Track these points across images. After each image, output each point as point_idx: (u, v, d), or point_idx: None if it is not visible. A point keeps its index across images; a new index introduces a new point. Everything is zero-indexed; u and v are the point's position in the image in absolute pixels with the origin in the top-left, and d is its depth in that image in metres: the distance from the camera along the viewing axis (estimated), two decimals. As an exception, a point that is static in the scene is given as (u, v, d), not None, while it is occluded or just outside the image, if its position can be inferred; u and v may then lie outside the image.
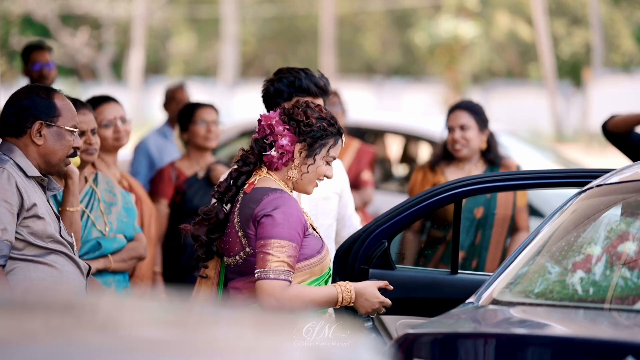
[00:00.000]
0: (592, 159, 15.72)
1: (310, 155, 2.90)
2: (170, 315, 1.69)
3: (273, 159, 2.90)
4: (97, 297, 1.89)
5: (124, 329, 1.55)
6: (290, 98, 3.26)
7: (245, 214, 2.84)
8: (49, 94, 2.98)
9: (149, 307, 1.78)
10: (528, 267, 2.68)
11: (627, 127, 4.54)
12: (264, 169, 2.93)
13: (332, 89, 3.34)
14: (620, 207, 2.75)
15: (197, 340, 1.52)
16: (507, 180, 3.41)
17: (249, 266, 2.84)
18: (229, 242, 2.88)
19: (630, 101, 20.66)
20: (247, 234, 2.84)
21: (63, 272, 2.89)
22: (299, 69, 3.31)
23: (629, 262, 2.50)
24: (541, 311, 2.55)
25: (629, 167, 2.98)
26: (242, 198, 2.89)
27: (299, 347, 1.50)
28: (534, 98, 27.03)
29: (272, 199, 2.83)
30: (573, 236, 2.70)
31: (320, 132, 2.89)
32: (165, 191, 4.47)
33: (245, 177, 2.94)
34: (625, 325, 2.41)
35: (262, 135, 2.92)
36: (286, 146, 2.88)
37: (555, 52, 26.80)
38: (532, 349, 2.37)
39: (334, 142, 2.93)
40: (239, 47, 30.92)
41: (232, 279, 2.90)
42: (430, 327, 2.60)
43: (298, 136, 2.89)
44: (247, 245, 2.83)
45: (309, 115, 2.90)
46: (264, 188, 2.88)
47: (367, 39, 32.63)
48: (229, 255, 2.89)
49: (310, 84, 3.26)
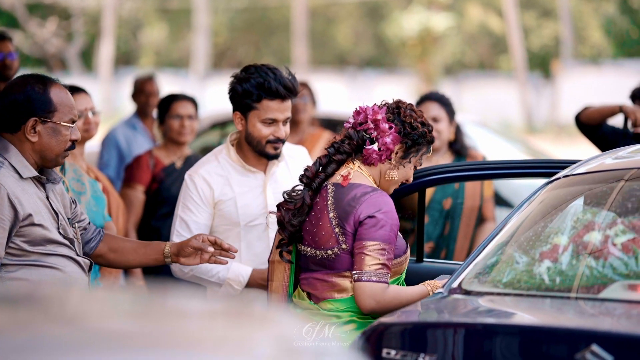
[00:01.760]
0: (561, 149, 15.88)
1: (405, 157, 2.97)
2: (139, 307, 1.69)
3: (373, 154, 2.93)
4: (64, 290, 1.89)
5: (91, 321, 1.55)
6: (258, 100, 3.28)
7: (344, 211, 2.88)
8: (45, 86, 2.84)
9: (118, 299, 1.78)
10: (496, 257, 2.71)
11: (601, 118, 4.59)
12: (357, 162, 2.96)
13: (299, 86, 3.36)
14: (586, 197, 2.78)
15: (165, 332, 1.52)
16: (472, 170, 3.44)
17: (341, 262, 2.89)
18: (320, 235, 2.91)
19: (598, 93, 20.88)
20: (345, 231, 2.88)
21: (66, 272, 2.84)
22: (267, 69, 3.30)
23: (594, 251, 2.53)
24: (509, 301, 2.58)
25: (596, 157, 3.01)
26: (336, 191, 2.92)
27: (266, 337, 1.51)
28: (504, 90, 27.21)
29: (374, 199, 2.87)
30: (540, 226, 2.72)
31: (421, 136, 2.96)
32: (142, 177, 4.46)
33: (335, 166, 2.97)
34: (591, 313, 2.45)
35: (363, 128, 2.95)
36: (389, 144, 2.93)
37: (525, 44, 26.98)
38: (500, 338, 2.40)
39: (426, 149, 3.00)
40: (211, 38, 30.75)
41: (314, 271, 2.94)
42: (400, 317, 2.61)
43: (401, 137, 2.94)
44: (343, 242, 2.88)
45: (414, 117, 2.97)
46: (362, 185, 2.91)
47: (339, 31, 32.61)
48: (319, 248, 2.92)
49: (279, 87, 3.27)
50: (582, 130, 4.70)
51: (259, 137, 3.31)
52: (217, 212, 3.37)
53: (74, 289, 2.16)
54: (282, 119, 3.31)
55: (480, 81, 28.17)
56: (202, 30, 28.88)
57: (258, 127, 3.30)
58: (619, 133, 4.59)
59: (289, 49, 30.12)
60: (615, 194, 2.72)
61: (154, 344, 1.46)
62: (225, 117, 7.36)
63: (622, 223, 2.57)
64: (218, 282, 3.33)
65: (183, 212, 3.36)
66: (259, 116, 3.30)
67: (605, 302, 2.43)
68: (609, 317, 2.40)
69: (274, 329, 1.59)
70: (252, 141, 3.34)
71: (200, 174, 3.37)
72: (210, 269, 3.32)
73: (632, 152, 3.01)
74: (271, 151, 3.34)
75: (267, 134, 3.31)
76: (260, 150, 3.35)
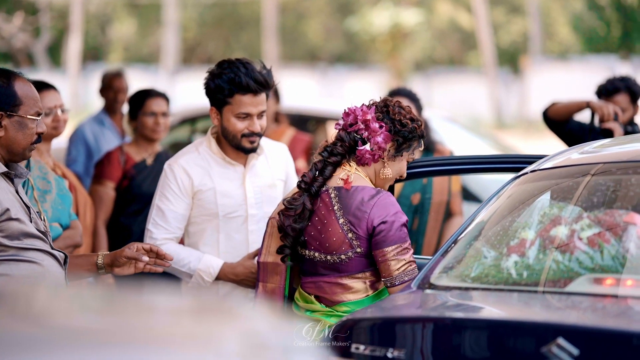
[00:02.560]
0: (530, 145, 16.01)
1: (397, 154, 3.01)
2: (107, 303, 1.68)
3: (366, 154, 2.98)
4: (30, 287, 1.87)
5: (58, 318, 1.54)
6: (231, 95, 3.30)
7: (355, 217, 2.92)
8: (9, 80, 2.80)
9: (85, 295, 1.76)
10: (464, 252, 2.72)
11: (568, 114, 4.64)
12: (353, 164, 3.00)
13: (274, 80, 3.37)
14: (553, 191, 2.81)
15: (133, 328, 1.51)
16: (440, 165, 3.46)
17: (354, 265, 2.94)
18: (330, 241, 2.94)
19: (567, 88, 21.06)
20: (359, 235, 2.92)
21: (44, 265, 2.81)
22: (240, 63, 3.32)
23: (561, 245, 2.56)
24: (477, 295, 2.60)
25: (562, 152, 3.04)
26: (340, 196, 2.96)
27: (234, 333, 1.51)
28: (474, 85, 27.38)
29: (382, 202, 2.93)
30: (508, 221, 2.75)
31: (412, 132, 3.00)
32: (113, 174, 4.42)
33: (332, 169, 3.00)
34: (557, 307, 2.47)
35: (354, 129, 2.99)
36: (381, 143, 2.97)
37: (494, 40, 27.16)
38: (468, 332, 2.41)
39: (418, 144, 3.04)
40: (180, 34, 30.58)
41: (324, 275, 2.97)
42: (369, 313, 2.62)
43: (392, 135, 2.98)
44: (358, 247, 2.93)
45: (403, 115, 3.01)
46: (366, 188, 2.96)
47: (310, 27, 32.60)
48: (330, 253, 2.95)
49: (250, 81, 3.29)
50: (549, 125, 4.75)
51: (234, 131, 3.34)
52: (196, 202, 3.39)
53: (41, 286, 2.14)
54: (256, 113, 3.33)
55: (450, 77, 28.32)
56: (172, 25, 28.71)
57: (232, 122, 3.33)
58: (585, 129, 4.64)
59: (259, 45, 30.05)
60: (581, 188, 2.75)
61: (122, 339, 1.45)
62: (195, 113, 7.33)
63: (588, 217, 2.60)
64: (189, 272, 3.34)
65: (161, 201, 3.38)
66: (232, 111, 3.33)
67: (571, 295, 2.46)
68: (574, 311, 2.42)
69: (242, 325, 1.58)
70: (228, 135, 3.37)
71: (179, 163, 3.39)
72: (182, 258, 3.34)
73: (598, 147, 3.04)
74: (247, 145, 3.36)
75: (242, 128, 3.34)
76: (237, 145, 3.38)
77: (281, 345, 1.54)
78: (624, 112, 4.66)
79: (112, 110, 5.66)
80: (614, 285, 2.46)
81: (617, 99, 4.69)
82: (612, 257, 2.48)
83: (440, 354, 2.39)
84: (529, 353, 2.24)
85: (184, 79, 27.27)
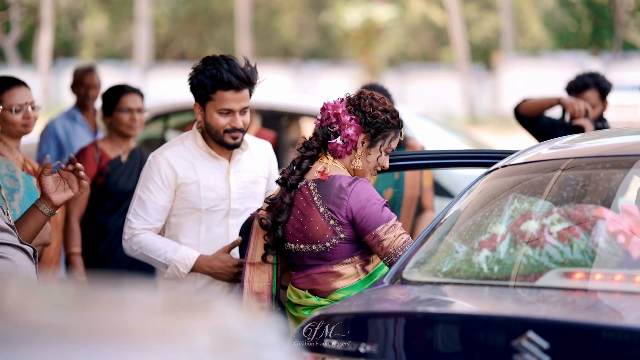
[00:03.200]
0: (502, 140, 16.12)
1: (372, 146, 3.06)
2: (77, 299, 1.67)
3: (338, 147, 3.04)
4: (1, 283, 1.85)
5: (27, 314, 1.53)
6: (213, 91, 3.33)
7: (334, 204, 2.98)
8: None
9: (55, 291, 1.75)
10: (436, 247, 2.74)
11: (539, 110, 4.68)
12: (329, 157, 3.06)
13: (257, 76, 3.38)
14: (524, 186, 2.83)
15: (103, 323, 1.51)
16: (412, 159, 3.48)
17: (341, 251, 2.99)
18: (313, 231, 2.99)
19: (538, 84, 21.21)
20: (341, 221, 2.98)
21: (14, 261, 2.77)
22: (223, 60, 3.35)
23: (531, 240, 2.58)
24: (448, 290, 2.62)
25: (533, 148, 3.07)
26: (319, 187, 3.01)
27: (205, 328, 1.51)
28: (447, 81, 27.50)
29: (360, 187, 2.99)
30: (479, 216, 2.76)
31: (384, 124, 3.04)
32: (87, 170, 4.39)
33: (308, 162, 3.07)
34: (528, 301, 2.49)
35: (327, 123, 3.06)
36: (351, 136, 3.03)
37: (467, 37, 27.30)
38: (440, 326, 2.43)
39: (394, 134, 3.08)
40: (153, 30, 30.39)
41: (313, 266, 3.02)
42: (342, 308, 2.63)
43: (363, 127, 3.03)
44: (341, 232, 2.98)
45: (374, 107, 3.04)
46: (343, 176, 3.02)
47: (283, 22, 32.55)
48: (314, 243, 3.00)
49: (232, 77, 3.32)
50: (520, 122, 4.78)
51: (217, 127, 3.37)
52: (179, 194, 3.40)
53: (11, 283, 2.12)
54: (238, 109, 3.36)
55: (423, 73, 28.42)
56: (144, 21, 28.52)
57: (215, 118, 3.36)
58: (556, 125, 4.68)
59: (232, 41, 29.95)
60: (551, 183, 2.77)
61: (93, 335, 1.45)
62: (167, 109, 7.29)
63: (558, 212, 2.63)
64: (164, 262, 3.36)
65: (142, 192, 3.39)
66: (215, 107, 3.36)
67: (541, 289, 2.48)
68: (544, 305, 2.45)
69: (214, 320, 1.58)
70: (211, 131, 3.39)
71: (164, 155, 3.41)
72: (159, 247, 3.36)
73: (568, 142, 3.07)
74: (230, 141, 3.38)
75: (224, 124, 3.36)
76: (220, 140, 3.40)
77: (252, 340, 1.54)
78: (593, 108, 4.70)
79: (83, 106, 5.61)
80: (583, 279, 2.49)
81: (586, 95, 4.74)
82: (581, 251, 2.51)
83: (412, 349, 2.41)
84: (500, 347, 2.26)
85: (157, 75, 27.11)
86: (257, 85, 3.39)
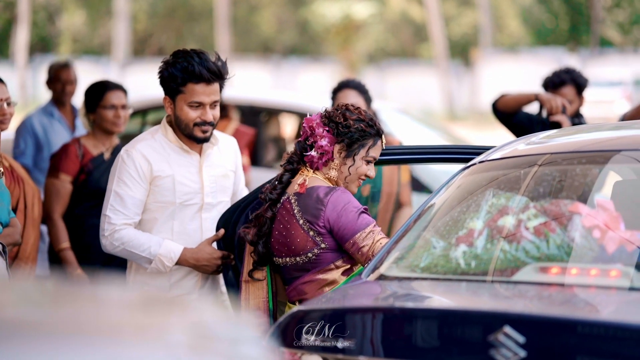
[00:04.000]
0: (481, 136, 16.19)
1: (349, 156, 3.10)
2: (52, 295, 1.66)
3: (313, 159, 3.10)
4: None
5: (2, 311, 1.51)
6: (184, 83, 3.33)
7: (312, 215, 3.03)
8: None
9: (31, 288, 1.74)
10: (414, 242, 2.75)
11: (517, 106, 4.70)
12: (310, 170, 3.11)
13: (228, 71, 3.38)
14: (501, 182, 2.84)
15: (79, 319, 1.50)
16: (389, 154, 3.48)
17: (324, 259, 3.03)
18: (295, 243, 3.05)
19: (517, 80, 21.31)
20: (320, 231, 3.02)
21: None
22: (194, 53, 3.35)
23: (508, 235, 2.59)
24: (426, 285, 2.63)
25: (510, 143, 3.08)
26: (298, 200, 3.07)
27: (182, 324, 1.50)
28: (426, 77, 27.57)
29: (335, 197, 3.03)
30: (457, 211, 2.77)
31: (358, 133, 3.09)
32: (70, 167, 4.35)
33: (289, 175, 3.14)
34: (505, 296, 2.51)
35: (304, 137, 3.13)
36: (325, 147, 3.08)
37: (446, 33, 27.38)
38: (417, 322, 2.44)
39: (373, 142, 3.13)
40: (131, 25, 30.22)
41: (299, 277, 3.07)
42: (319, 304, 2.63)
43: (337, 137, 3.09)
44: (322, 242, 3.03)
45: (347, 117, 3.10)
46: (321, 187, 3.06)
47: (263, 18, 32.47)
48: (297, 255, 3.05)
49: (203, 70, 3.31)
50: (498, 117, 4.81)
51: (187, 120, 3.36)
52: (154, 188, 3.39)
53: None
54: (209, 103, 3.36)
55: (403, 69, 28.48)
56: (122, 16, 28.35)
57: (185, 111, 3.35)
58: (534, 120, 4.71)
59: (212, 36, 29.86)
60: (528, 179, 2.79)
61: (68, 331, 1.44)
62: (146, 105, 7.26)
63: (534, 207, 2.64)
64: (149, 257, 3.34)
65: (118, 186, 3.36)
66: (185, 100, 3.35)
67: (518, 284, 2.50)
68: (521, 300, 2.46)
69: (190, 316, 1.58)
70: (181, 124, 3.38)
71: (137, 148, 3.39)
72: (142, 243, 3.34)
73: (545, 138, 3.08)
74: (199, 134, 3.38)
75: (194, 117, 3.36)
76: (189, 134, 3.39)
77: (229, 336, 1.54)
78: (570, 104, 4.74)
79: (60, 102, 5.57)
80: (559, 273, 2.50)
81: (563, 92, 4.77)
82: (557, 246, 2.53)
83: (390, 344, 2.41)
84: (477, 341, 2.27)
85: (135, 71, 26.96)
86: (228, 80, 3.40)
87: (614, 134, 3.11)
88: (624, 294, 2.41)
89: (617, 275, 2.45)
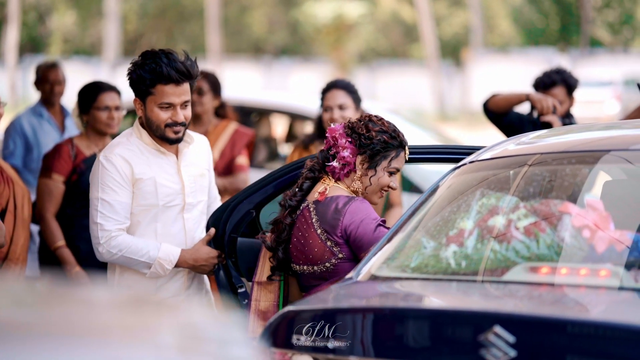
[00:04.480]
0: (472, 136, 16.22)
1: (371, 167, 3.11)
2: (40, 297, 1.66)
3: (335, 169, 3.11)
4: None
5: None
6: (152, 85, 3.30)
7: (330, 225, 3.04)
8: None
9: (20, 289, 1.74)
10: (405, 243, 2.75)
11: (508, 106, 4.70)
12: (332, 179, 3.13)
13: (197, 70, 3.35)
14: (491, 182, 2.85)
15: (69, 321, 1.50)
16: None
17: (342, 269, 3.03)
18: (313, 253, 3.06)
19: (507, 80, 21.37)
20: (337, 242, 3.03)
21: None
22: (162, 53, 3.32)
23: (498, 235, 2.60)
24: (417, 285, 2.63)
25: (500, 143, 3.08)
26: (317, 208, 3.08)
27: (171, 325, 1.50)
28: (417, 78, 27.60)
29: (354, 207, 3.04)
30: (447, 211, 2.78)
31: (380, 144, 3.10)
32: (63, 167, 4.34)
33: (309, 183, 3.14)
34: (495, 296, 2.51)
35: (327, 146, 3.14)
36: (347, 158, 3.10)
37: (437, 33, 27.42)
38: (408, 322, 2.44)
39: (395, 153, 3.13)
40: (122, 25, 30.15)
41: (317, 285, 3.08)
42: (310, 304, 2.63)
43: (359, 149, 3.10)
44: (339, 252, 3.04)
45: (370, 128, 3.10)
46: (340, 196, 3.07)
47: (254, 18, 32.45)
48: (315, 264, 3.06)
49: (171, 71, 3.28)
50: (489, 117, 4.81)
51: (158, 121, 3.33)
52: (136, 191, 3.35)
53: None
54: (179, 103, 3.33)
55: (394, 69, 28.50)
56: (113, 16, 28.28)
57: (156, 112, 3.33)
58: (524, 120, 4.72)
59: (203, 37, 29.83)
60: (518, 179, 2.79)
61: (57, 332, 1.44)
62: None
63: (524, 207, 2.65)
64: (148, 261, 3.31)
65: (104, 192, 3.32)
66: (155, 101, 3.32)
67: (508, 284, 2.50)
68: (511, 299, 2.47)
69: (179, 318, 1.58)
70: (152, 126, 3.35)
71: (116, 153, 3.35)
72: (140, 248, 3.31)
73: (535, 138, 3.09)
74: (171, 135, 3.35)
75: (165, 118, 3.33)
76: (161, 135, 3.36)
77: (218, 337, 1.54)
78: (561, 104, 4.75)
79: (49, 103, 5.55)
80: (549, 273, 2.51)
81: (554, 92, 4.78)
82: (547, 246, 2.53)
83: (380, 344, 2.41)
84: (467, 341, 2.27)
85: (126, 72, 26.87)
86: (197, 79, 3.37)
87: (604, 134, 3.12)
88: (613, 293, 2.42)
89: (607, 275, 2.46)
